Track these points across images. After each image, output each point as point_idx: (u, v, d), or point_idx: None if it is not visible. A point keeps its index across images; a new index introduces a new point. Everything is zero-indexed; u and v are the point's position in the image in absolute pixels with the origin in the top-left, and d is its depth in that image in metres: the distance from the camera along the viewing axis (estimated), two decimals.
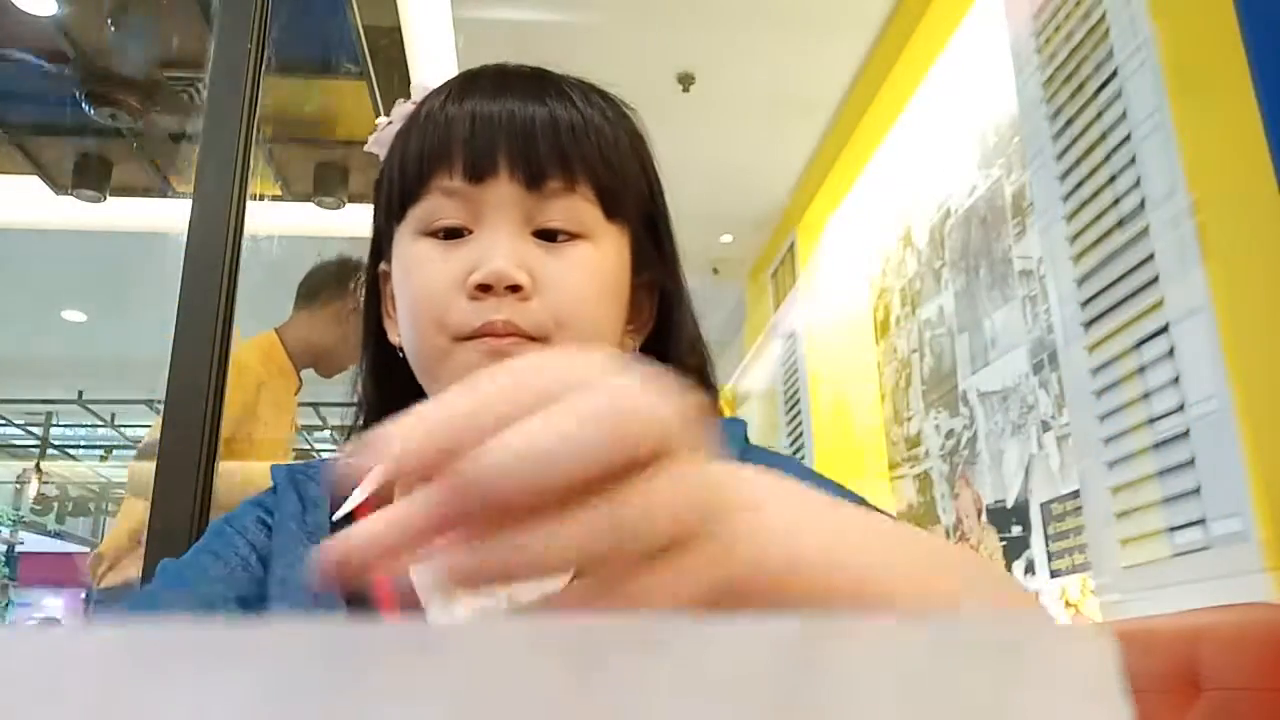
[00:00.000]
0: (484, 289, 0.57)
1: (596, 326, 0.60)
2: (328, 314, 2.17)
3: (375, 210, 0.67)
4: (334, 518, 0.60)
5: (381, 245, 0.67)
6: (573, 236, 0.60)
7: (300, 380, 2.15)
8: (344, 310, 2.15)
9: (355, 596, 0.55)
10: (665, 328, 0.67)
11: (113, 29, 2.67)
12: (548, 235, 0.60)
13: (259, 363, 2.07)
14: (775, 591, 0.28)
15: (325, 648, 0.16)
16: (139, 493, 2.08)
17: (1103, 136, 1.69)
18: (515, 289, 0.57)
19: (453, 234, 0.60)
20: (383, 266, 0.68)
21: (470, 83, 0.63)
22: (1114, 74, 1.66)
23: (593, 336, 0.60)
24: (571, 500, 0.24)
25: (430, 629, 0.16)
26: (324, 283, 2.22)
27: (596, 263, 0.60)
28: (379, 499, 0.60)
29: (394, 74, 2.84)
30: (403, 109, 0.66)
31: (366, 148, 0.70)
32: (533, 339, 0.57)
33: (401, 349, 0.65)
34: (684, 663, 0.16)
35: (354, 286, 2.50)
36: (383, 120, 0.68)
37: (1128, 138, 1.62)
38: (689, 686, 0.16)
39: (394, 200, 0.62)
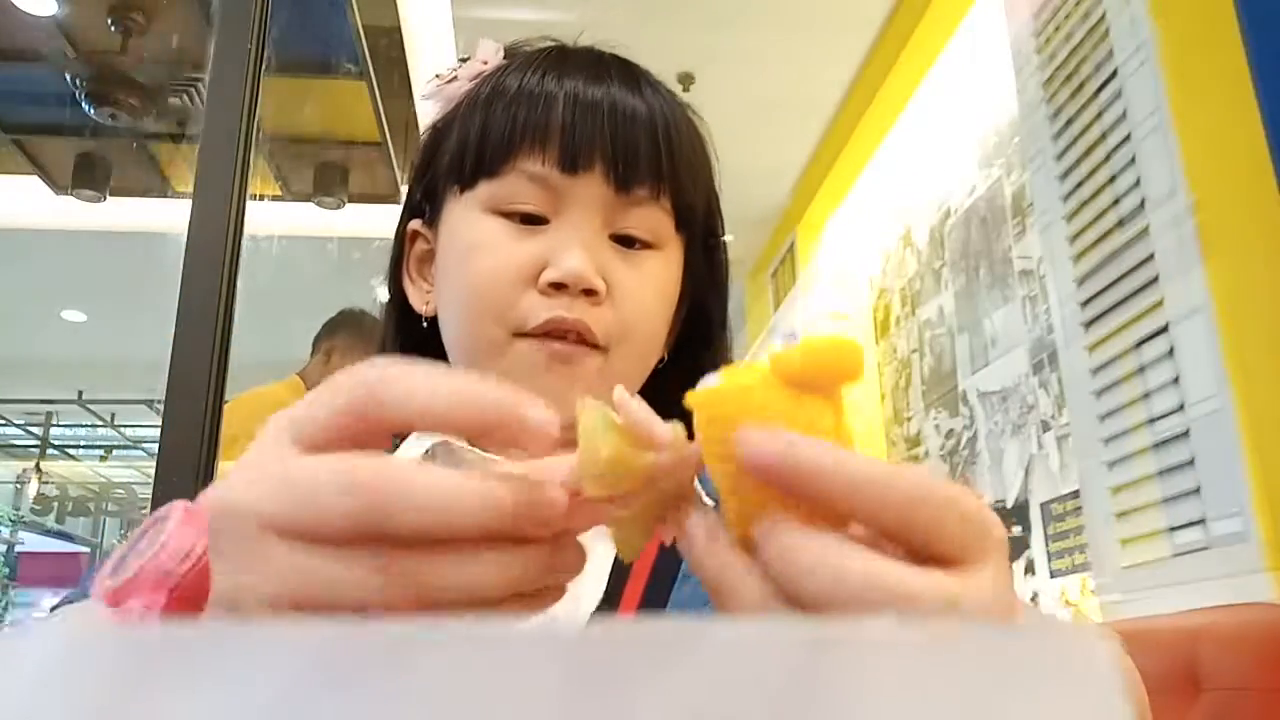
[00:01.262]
0: (557, 287, 0.54)
1: (654, 339, 0.59)
2: (321, 356, 2.40)
3: (425, 165, 0.63)
4: None
5: (421, 203, 0.63)
6: (646, 245, 0.58)
7: None
8: (329, 350, 2.40)
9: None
10: (705, 339, 0.66)
11: (113, 29, 2.67)
12: (624, 240, 0.58)
13: (291, 397, 2.26)
14: None
15: (332, 647, 0.16)
16: None
17: (1103, 136, 1.69)
18: (589, 293, 0.55)
19: (528, 219, 0.57)
20: (414, 225, 0.64)
21: (564, 60, 0.60)
22: (1114, 74, 1.66)
23: (650, 348, 0.59)
24: None
25: (436, 629, 0.16)
26: (322, 331, 2.44)
27: (665, 276, 0.59)
28: None
29: (394, 74, 2.84)
30: (472, 67, 0.63)
31: (422, 96, 0.65)
32: (596, 346, 0.55)
33: (426, 318, 0.62)
34: (689, 665, 0.16)
35: (341, 328, 2.64)
36: (444, 72, 0.64)
37: (1128, 138, 1.62)
38: (693, 689, 0.16)
39: (465, 167, 0.58)
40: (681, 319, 0.65)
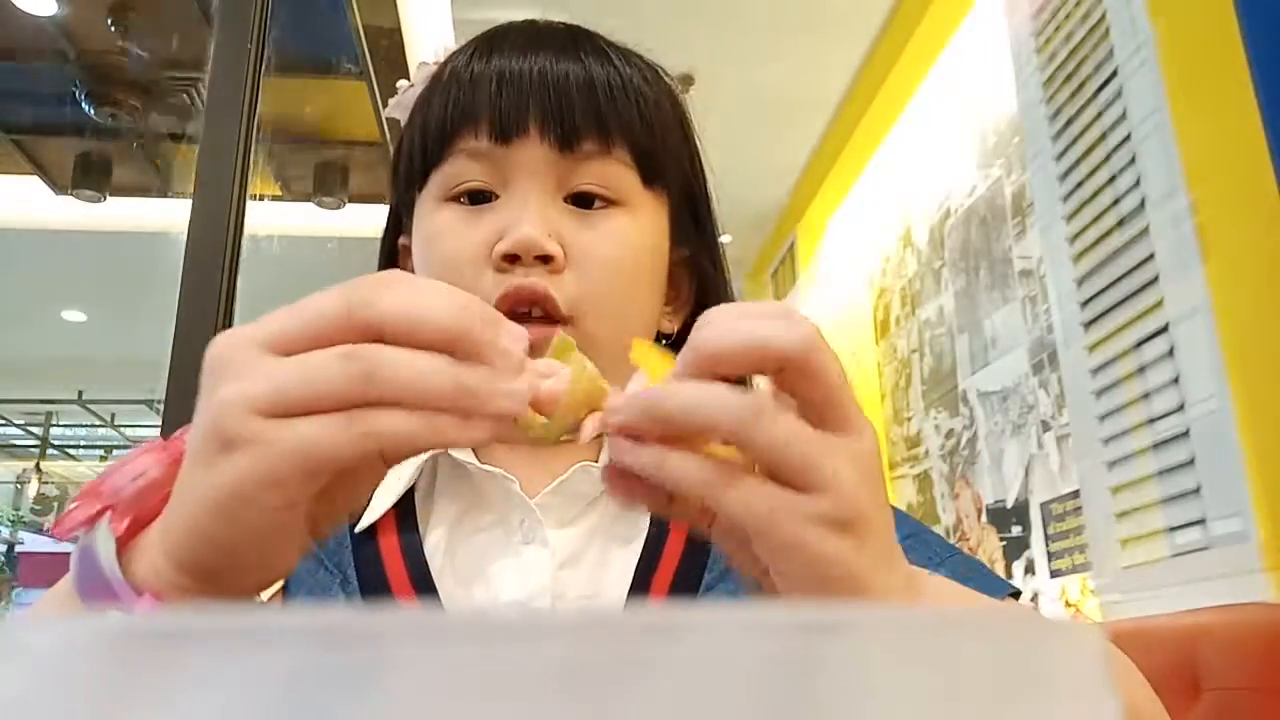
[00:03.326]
0: (511, 259, 0.52)
1: (633, 305, 0.55)
2: None
3: (394, 179, 0.62)
4: (355, 530, 0.55)
5: (401, 217, 0.62)
6: (609, 204, 0.55)
7: None
8: None
9: (370, 586, 0.52)
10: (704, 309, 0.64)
11: (113, 29, 2.67)
12: (582, 201, 0.54)
13: None
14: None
15: (334, 635, 0.16)
16: None
17: (1103, 136, 1.69)
18: (545, 260, 0.52)
19: (478, 198, 0.55)
20: (402, 240, 0.62)
21: (498, 39, 0.58)
22: (1114, 74, 1.66)
23: (629, 316, 0.55)
24: None
25: (438, 616, 0.16)
26: None
27: (633, 234, 0.55)
28: (397, 510, 0.55)
29: (394, 74, 2.84)
30: (425, 70, 0.61)
31: (386, 113, 0.64)
32: (563, 319, 0.52)
33: None
34: (681, 651, 0.16)
35: None
36: (404, 84, 0.63)
37: (1128, 138, 1.62)
38: (685, 675, 0.16)
39: (415, 165, 0.57)
40: (693, 291, 0.62)
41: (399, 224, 0.63)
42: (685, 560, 0.53)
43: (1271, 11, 1.37)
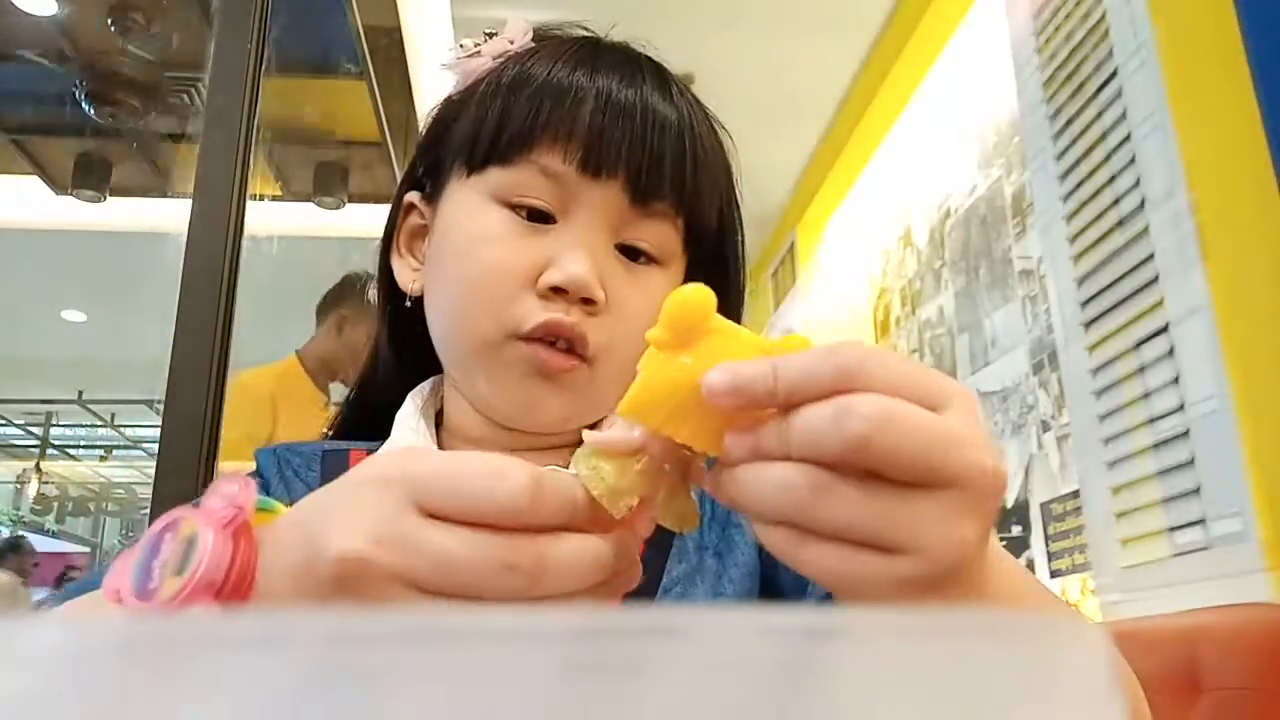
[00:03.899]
0: (556, 290, 0.52)
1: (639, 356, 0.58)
2: (327, 326, 2.25)
3: (433, 138, 0.60)
4: None
5: (423, 176, 0.61)
6: (652, 260, 0.56)
7: (327, 396, 2.20)
8: (339, 320, 2.23)
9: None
10: None
11: (113, 29, 2.67)
12: (629, 252, 0.55)
13: (274, 386, 2.13)
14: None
15: (341, 638, 0.16)
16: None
17: (1103, 136, 1.69)
18: (588, 301, 0.53)
19: (534, 215, 0.54)
20: (411, 197, 0.62)
21: (595, 54, 0.57)
22: (1114, 74, 1.66)
23: (632, 365, 0.57)
24: None
25: (437, 617, 0.16)
26: (327, 299, 2.30)
27: (666, 293, 0.57)
28: None
29: (394, 74, 2.84)
30: (497, 44, 0.60)
31: (441, 65, 0.62)
32: (583, 359, 0.53)
33: (410, 299, 0.60)
34: (684, 654, 0.16)
35: (348, 296, 2.39)
36: (467, 43, 0.61)
37: (1128, 138, 1.62)
38: (687, 678, 0.16)
39: (477, 150, 0.56)
40: None
41: (418, 181, 0.61)
42: (644, 562, 0.53)
43: (1271, 11, 1.37)
